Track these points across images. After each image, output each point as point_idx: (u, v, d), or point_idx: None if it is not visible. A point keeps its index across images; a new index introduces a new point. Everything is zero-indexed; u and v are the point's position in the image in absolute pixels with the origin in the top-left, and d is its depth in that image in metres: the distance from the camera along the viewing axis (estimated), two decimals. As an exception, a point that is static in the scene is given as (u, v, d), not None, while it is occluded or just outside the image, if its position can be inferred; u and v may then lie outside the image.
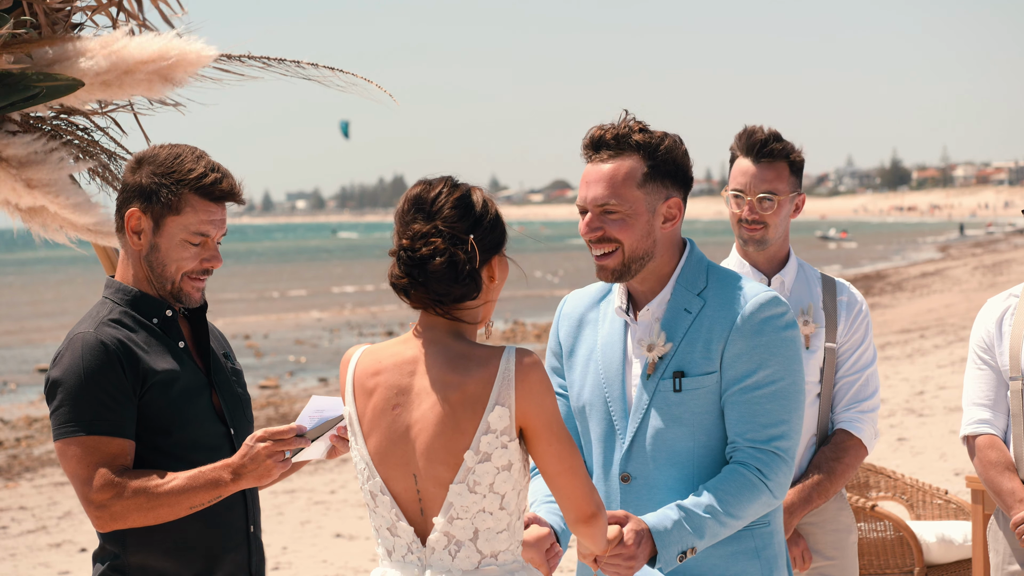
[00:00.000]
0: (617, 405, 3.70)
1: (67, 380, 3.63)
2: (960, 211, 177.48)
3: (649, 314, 3.71)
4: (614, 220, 3.66)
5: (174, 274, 3.76)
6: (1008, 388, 4.67)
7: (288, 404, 20.08)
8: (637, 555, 3.46)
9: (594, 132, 3.69)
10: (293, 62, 4.62)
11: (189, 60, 4.25)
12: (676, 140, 3.70)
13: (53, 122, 4.52)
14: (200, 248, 3.78)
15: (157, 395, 3.68)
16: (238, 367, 3.97)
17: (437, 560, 3.26)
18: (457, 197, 3.27)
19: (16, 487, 14.49)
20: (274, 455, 3.58)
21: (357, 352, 3.37)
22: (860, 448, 4.68)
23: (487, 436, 3.20)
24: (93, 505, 3.59)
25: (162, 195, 3.72)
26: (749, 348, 3.60)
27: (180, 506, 3.60)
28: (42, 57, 4.23)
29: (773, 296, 3.65)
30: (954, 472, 11.37)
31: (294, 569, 10.09)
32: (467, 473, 3.21)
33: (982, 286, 36.20)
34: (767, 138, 4.71)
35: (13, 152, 4.29)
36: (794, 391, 3.63)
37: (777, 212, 4.70)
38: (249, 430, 3.89)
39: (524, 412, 3.21)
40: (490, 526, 3.25)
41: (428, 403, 3.24)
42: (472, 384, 3.21)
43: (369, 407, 3.30)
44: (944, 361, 19.49)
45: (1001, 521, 4.72)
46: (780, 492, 3.62)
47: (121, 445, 3.62)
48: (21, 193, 4.35)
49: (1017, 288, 4.77)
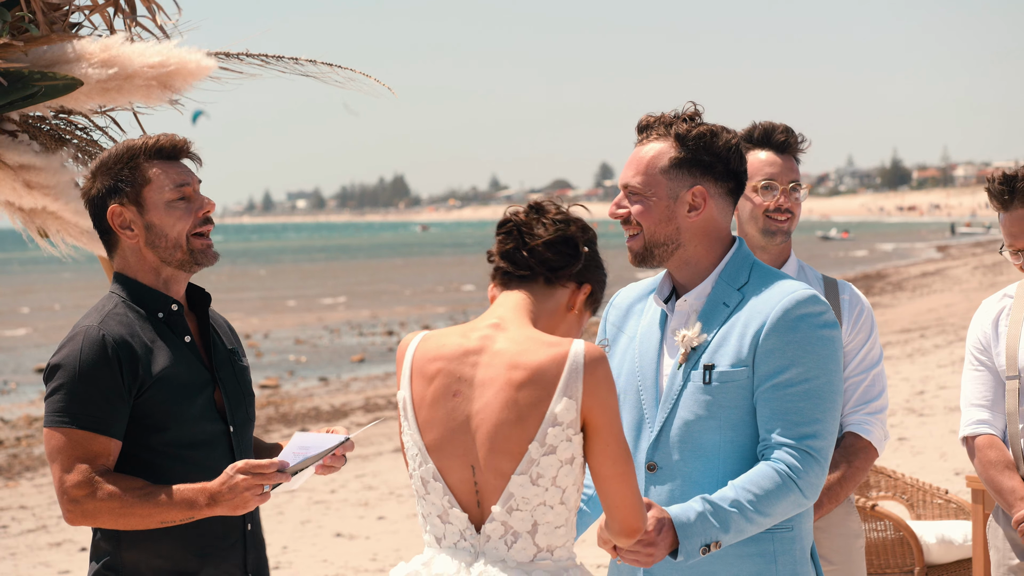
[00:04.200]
0: (649, 394, 3.67)
1: (65, 370, 3.66)
2: (960, 211, 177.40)
3: (687, 305, 3.68)
4: (635, 202, 3.66)
5: (179, 238, 3.76)
6: (1005, 388, 4.66)
7: (288, 404, 20.07)
8: (657, 543, 3.40)
9: (643, 117, 3.72)
10: (291, 59, 4.61)
11: (189, 70, 4.26)
12: (721, 132, 3.66)
13: (52, 122, 4.52)
14: (187, 202, 3.77)
15: (157, 393, 3.69)
16: (245, 364, 3.96)
17: (492, 549, 3.22)
18: (590, 238, 3.41)
19: (16, 486, 14.49)
20: (252, 488, 3.57)
21: (417, 337, 3.34)
22: (870, 450, 4.62)
23: (553, 428, 3.16)
24: (67, 498, 3.62)
25: (126, 177, 3.74)
26: (783, 344, 3.54)
27: (151, 519, 3.61)
28: (40, 57, 4.23)
29: (812, 294, 3.59)
30: (954, 472, 11.36)
31: (294, 569, 10.08)
32: (531, 464, 3.17)
33: (982, 286, 36.20)
34: (786, 130, 4.75)
35: (12, 156, 4.29)
36: (829, 391, 3.55)
37: (799, 202, 4.74)
38: (250, 428, 3.89)
39: (590, 407, 3.17)
40: (550, 520, 3.21)
41: (491, 392, 3.20)
42: (539, 374, 3.17)
43: (428, 393, 3.26)
44: (944, 361, 19.49)
45: (1001, 518, 4.72)
46: (811, 493, 3.53)
47: (105, 444, 3.64)
48: (21, 194, 4.35)
49: (1011, 288, 4.77)
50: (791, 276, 3.71)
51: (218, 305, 4.06)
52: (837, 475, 4.55)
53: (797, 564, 3.63)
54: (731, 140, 3.67)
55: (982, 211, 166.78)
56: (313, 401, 20.34)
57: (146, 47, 4.24)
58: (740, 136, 4.77)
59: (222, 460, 3.73)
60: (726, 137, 3.67)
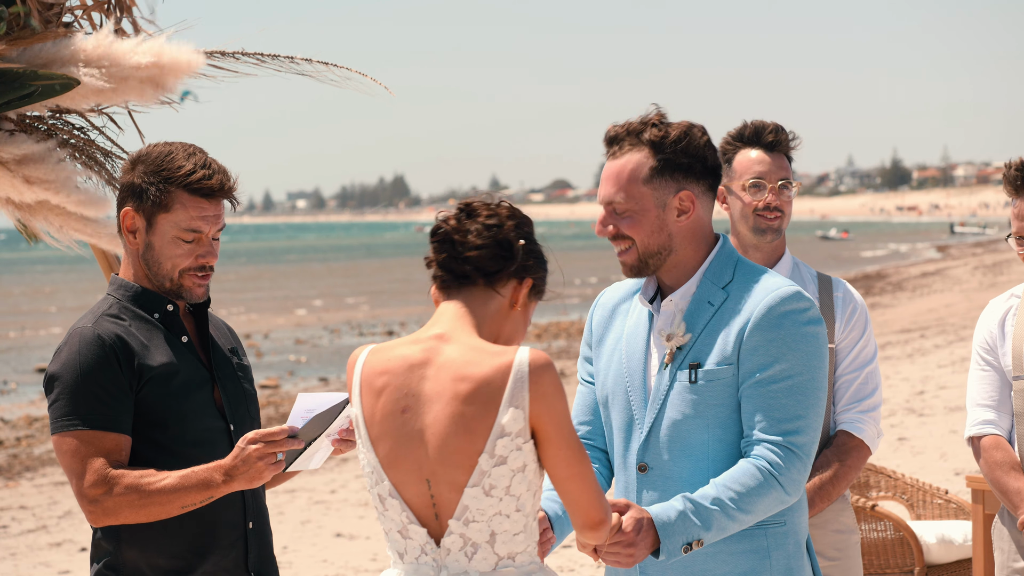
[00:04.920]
0: (637, 395, 3.66)
1: (64, 374, 3.66)
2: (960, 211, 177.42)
3: (672, 305, 3.67)
4: (623, 217, 3.63)
5: (170, 271, 3.77)
6: (1012, 388, 4.65)
7: (288, 404, 20.08)
8: (637, 543, 3.41)
9: (609, 128, 3.68)
10: (287, 58, 4.60)
11: (180, 67, 4.24)
12: (692, 131, 3.63)
13: (49, 121, 4.51)
14: (194, 245, 3.77)
15: (154, 389, 3.69)
16: (246, 363, 3.96)
17: (453, 562, 3.22)
18: (518, 223, 3.33)
19: (16, 486, 14.48)
20: (265, 457, 3.57)
21: (364, 351, 3.32)
22: (863, 449, 4.61)
23: (502, 439, 3.15)
24: (87, 499, 3.62)
25: (152, 193, 3.74)
26: (767, 341, 3.54)
27: (172, 505, 3.60)
28: (36, 56, 4.22)
29: (796, 291, 3.59)
30: (955, 472, 11.35)
31: (294, 569, 10.07)
32: (482, 476, 3.16)
33: (982, 286, 36.19)
34: (776, 128, 4.73)
35: (9, 152, 4.29)
36: (812, 387, 3.55)
37: (790, 200, 4.72)
38: (252, 426, 3.88)
39: (537, 414, 3.16)
40: (507, 528, 3.20)
41: (438, 406, 3.19)
42: (484, 385, 3.16)
43: (378, 408, 3.25)
44: (945, 361, 19.47)
45: (1006, 519, 4.71)
46: (793, 489, 3.53)
47: (116, 440, 3.64)
48: (21, 190, 4.34)
49: (1018, 288, 4.76)
50: (776, 273, 3.70)
51: (218, 304, 4.06)
52: (829, 474, 4.54)
53: (791, 558, 3.63)
54: (702, 136, 3.65)
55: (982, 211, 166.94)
56: (313, 401, 20.34)
57: (136, 44, 4.23)
58: (731, 135, 4.78)
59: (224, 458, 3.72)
60: (697, 134, 3.64)
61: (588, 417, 3.84)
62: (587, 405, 3.85)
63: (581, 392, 3.87)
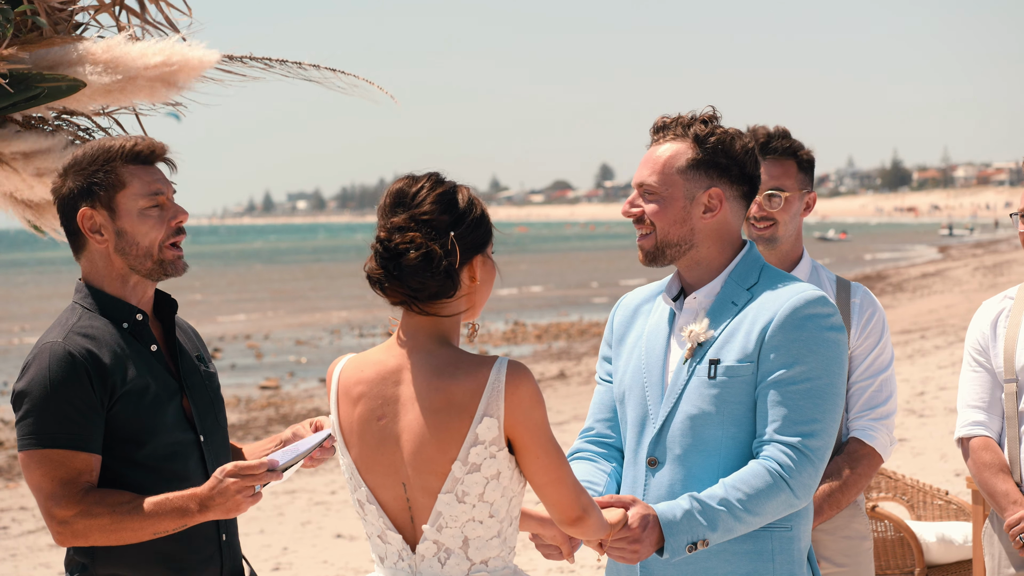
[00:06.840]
0: (654, 390, 3.67)
1: (33, 391, 3.54)
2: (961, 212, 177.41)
3: (696, 302, 3.69)
4: (651, 201, 3.68)
5: (149, 248, 3.67)
6: (1003, 390, 4.66)
7: (288, 404, 20.07)
8: (642, 539, 3.43)
9: (658, 119, 3.74)
10: (295, 63, 4.61)
11: (192, 65, 4.24)
12: (737, 136, 3.69)
13: (55, 122, 4.52)
14: (161, 210, 3.68)
15: (127, 407, 3.60)
16: (212, 369, 3.87)
17: (427, 568, 3.24)
18: (439, 192, 3.23)
19: (16, 487, 14.49)
20: (243, 490, 3.47)
21: (341, 361, 3.33)
22: (874, 457, 4.55)
23: (476, 448, 3.17)
24: (55, 520, 3.51)
25: (100, 180, 3.64)
26: (787, 342, 3.55)
27: (143, 531, 3.50)
28: (43, 59, 4.23)
29: (821, 295, 3.61)
30: (955, 473, 11.36)
31: (295, 570, 10.09)
32: (455, 483, 3.18)
33: (983, 287, 36.20)
34: (771, 134, 4.69)
35: (18, 147, 4.29)
36: (831, 392, 3.56)
37: (786, 209, 4.65)
38: (220, 435, 3.81)
39: (512, 424, 3.18)
40: (480, 534, 3.23)
41: (414, 412, 3.21)
42: (459, 394, 3.17)
43: (355, 416, 3.27)
44: (945, 362, 19.49)
45: (996, 524, 4.70)
46: (803, 493, 3.53)
47: (86, 460, 3.53)
48: (32, 183, 4.33)
49: (1012, 290, 4.76)
50: (800, 279, 3.71)
51: (213, 307, 4.06)
52: (839, 481, 4.49)
53: (795, 564, 3.63)
54: (748, 144, 3.70)
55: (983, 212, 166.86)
56: (313, 402, 20.34)
57: (148, 46, 4.23)
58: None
59: (195, 470, 3.67)
60: (743, 141, 3.69)
61: (606, 415, 3.85)
62: (605, 404, 3.86)
63: (599, 391, 3.88)
